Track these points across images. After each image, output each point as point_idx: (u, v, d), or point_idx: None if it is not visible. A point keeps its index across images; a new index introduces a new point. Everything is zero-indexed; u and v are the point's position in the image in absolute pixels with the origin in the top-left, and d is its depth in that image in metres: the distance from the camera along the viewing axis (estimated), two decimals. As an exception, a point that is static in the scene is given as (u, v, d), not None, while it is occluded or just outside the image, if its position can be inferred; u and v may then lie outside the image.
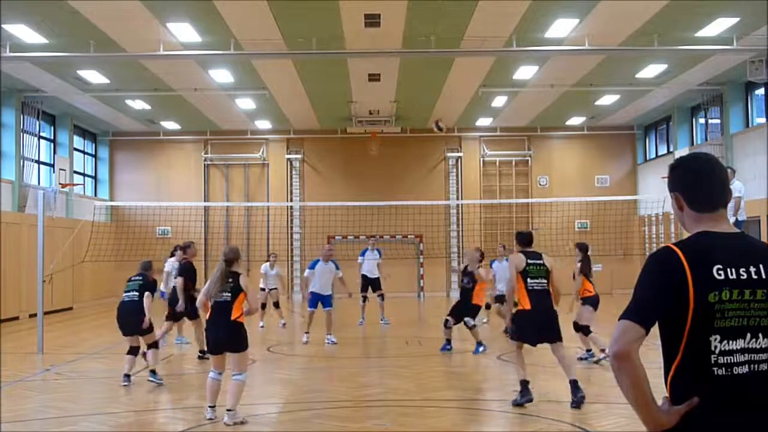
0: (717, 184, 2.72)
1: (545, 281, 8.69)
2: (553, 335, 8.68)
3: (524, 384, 8.52)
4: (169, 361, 12.32)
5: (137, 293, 10.19)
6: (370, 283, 17.78)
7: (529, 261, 8.69)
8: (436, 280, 28.10)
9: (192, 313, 12.33)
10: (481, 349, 12.59)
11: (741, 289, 2.53)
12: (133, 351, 10.12)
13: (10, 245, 19.28)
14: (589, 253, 11.98)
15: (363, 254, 18.37)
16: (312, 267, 14.36)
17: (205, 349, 10.34)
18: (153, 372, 10.14)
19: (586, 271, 11.73)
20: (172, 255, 14.42)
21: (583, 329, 11.57)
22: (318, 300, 14.15)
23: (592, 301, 11.67)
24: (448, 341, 12.90)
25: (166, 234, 26.33)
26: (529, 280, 8.60)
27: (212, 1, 14.03)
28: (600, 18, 15.16)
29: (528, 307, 8.56)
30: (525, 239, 8.98)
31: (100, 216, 23.66)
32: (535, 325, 8.60)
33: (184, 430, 7.63)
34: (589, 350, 11.79)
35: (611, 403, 8.29)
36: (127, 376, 9.97)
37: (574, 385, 8.37)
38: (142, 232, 24.51)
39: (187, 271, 12.53)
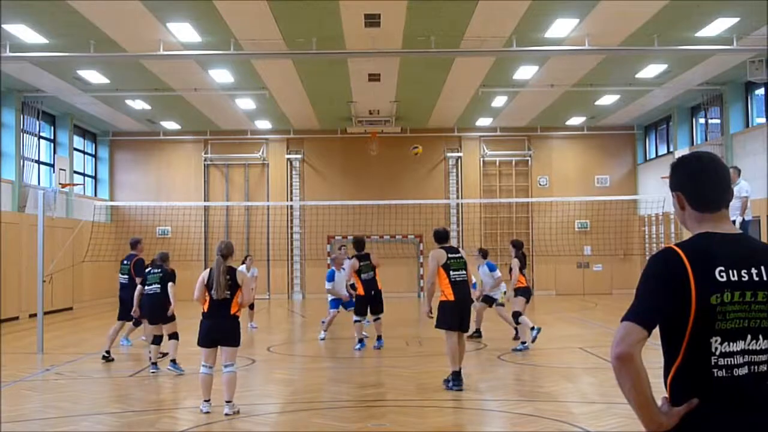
0: (719, 184, 2.71)
1: (465, 273, 9.63)
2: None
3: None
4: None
5: (158, 285, 11.07)
6: None
7: (450, 255, 9.57)
8: (436, 280, 28.06)
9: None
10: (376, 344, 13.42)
11: (742, 290, 2.52)
12: (157, 340, 10.98)
13: (10, 245, 19.28)
14: (522, 249, 13.40)
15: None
16: (331, 279, 14.29)
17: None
18: (173, 362, 10.81)
19: (522, 265, 13.07)
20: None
21: (514, 314, 12.87)
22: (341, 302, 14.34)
23: (524, 292, 13.03)
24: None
25: (166, 234, 26.35)
26: (451, 272, 9.49)
27: (212, 1, 14.03)
28: (600, 18, 15.16)
29: (452, 297, 9.45)
30: (442, 236, 9.91)
31: (100, 216, 23.67)
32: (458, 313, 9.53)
33: (184, 430, 7.63)
34: (524, 342, 12.69)
35: (611, 403, 8.29)
36: (155, 364, 10.82)
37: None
38: (142, 232, 24.48)
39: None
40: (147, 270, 11.39)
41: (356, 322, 13.35)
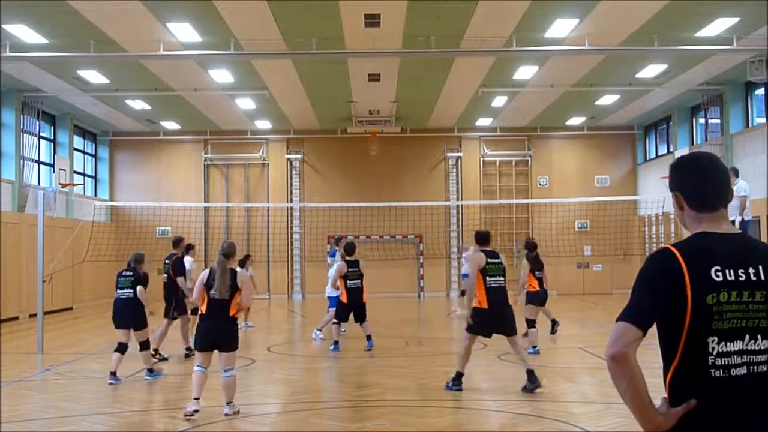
0: (717, 183, 2.71)
1: (503, 279, 9.32)
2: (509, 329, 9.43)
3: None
4: (170, 360, 12.29)
5: (131, 290, 10.42)
6: None
7: (489, 260, 9.25)
8: (436, 280, 28.10)
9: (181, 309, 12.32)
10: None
11: (740, 290, 2.51)
12: (122, 348, 10.29)
13: (10, 245, 19.28)
14: (536, 251, 12.67)
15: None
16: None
17: (191, 346, 11.02)
18: (149, 370, 10.44)
19: (533, 267, 12.40)
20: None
21: (527, 321, 12.36)
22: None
23: (533, 298, 12.39)
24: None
25: (166, 234, 26.33)
26: (488, 278, 9.19)
27: (212, 1, 14.04)
28: (600, 18, 15.16)
29: (486, 305, 9.19)
30: (482, 238, 9.54)
31: (100, 216, 23.69)
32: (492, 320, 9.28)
33: (184, 430, 7.63)
34: (534, 346, 12.39)
35: (611, 403, 8.28)
36: (114, 374, 10.12)
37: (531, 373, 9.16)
38: (142, 232, 24.53)
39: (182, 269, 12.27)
40: (119, 272, 10.70)
41: (334, 324, 13.32)
